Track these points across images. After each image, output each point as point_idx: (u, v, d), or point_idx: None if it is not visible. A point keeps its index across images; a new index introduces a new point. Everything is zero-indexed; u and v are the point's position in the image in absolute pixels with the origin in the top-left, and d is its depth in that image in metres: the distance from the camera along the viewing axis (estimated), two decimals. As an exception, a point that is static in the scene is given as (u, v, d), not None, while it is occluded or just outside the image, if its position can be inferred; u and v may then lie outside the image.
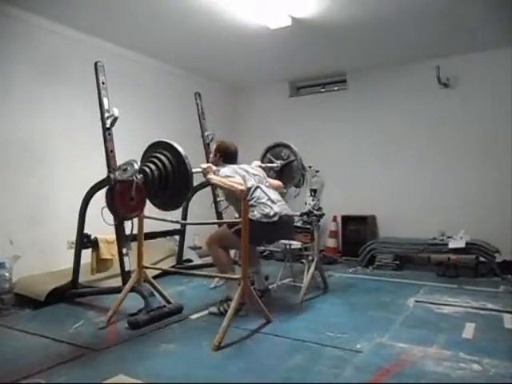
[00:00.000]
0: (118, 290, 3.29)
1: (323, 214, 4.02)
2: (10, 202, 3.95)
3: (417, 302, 3.70)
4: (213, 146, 3.72)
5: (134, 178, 2.72)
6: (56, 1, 3.90)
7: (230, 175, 3.35)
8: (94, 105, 3.47)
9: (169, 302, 3.37)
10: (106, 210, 3.42)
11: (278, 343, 2.74)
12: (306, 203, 5.59)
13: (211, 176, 3.34)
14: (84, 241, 3.71)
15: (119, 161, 3.56)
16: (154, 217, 3.43)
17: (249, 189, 3.32)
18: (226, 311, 2.94)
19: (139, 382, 2.15)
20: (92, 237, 3.75)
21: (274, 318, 3.12)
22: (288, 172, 4.32)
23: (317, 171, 6.09)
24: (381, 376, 2.25)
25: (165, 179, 2.96)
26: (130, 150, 4.47)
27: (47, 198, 4.23)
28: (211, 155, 3.66)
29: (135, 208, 2.76)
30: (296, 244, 4.10)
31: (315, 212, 3.92)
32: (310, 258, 4.04)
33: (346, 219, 5.97)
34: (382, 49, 5.27)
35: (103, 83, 3.46)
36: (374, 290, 4.19)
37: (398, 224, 5.75)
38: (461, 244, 4.79)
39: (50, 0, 3.88)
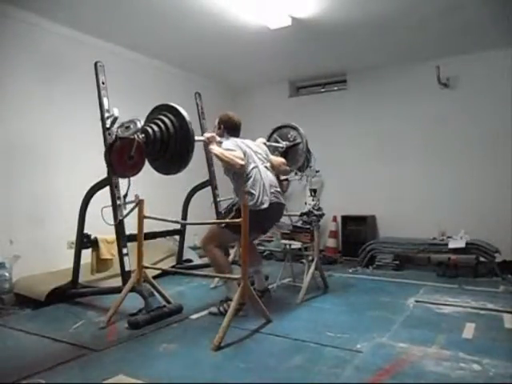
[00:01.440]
0: (118, 290, 3.29)
1: (323, 214, 4.03)
2: (10, 201, 3.95)
3: (417, 302, 3.70)
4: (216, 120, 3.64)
5: (136, 136, 2.66)
6: (57, 1, 3.90)
7: (232, 149, 3.28)
8: (95, 105, 3.47)
9: (169, 302, 3.37)
10: (106, 209, 3.43)
11: (277, 343, 2.74)
12: (306, 203, 5.60)
13: (213, 146, 3.27)
14: (84, 241, 3.71)
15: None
16: (154, 216, 3.43)
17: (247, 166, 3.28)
18: (226, 311, 2.94)
19: (139, 381, 2.16)
20: (92, 237, 3.75)
21: (273, 318, 3.12)
22: (293, 154, 4.26)
23: (317, 171, 6.08)
24: (381, 376, 2.25)
25: (166, 142, 2.90)
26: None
27: (47, 198, 4.23)
28: (214, 128, 3.56)
29: (133, 167, 2.70)
30: (296, 244, 4.10)
31: (315, 212, 3.93)
32: (310, 258, 4.04)
33: (346, 219, 5.97)
34: (382, 49, 5.27)
35: (103, 83, 3.46)
36: (373, 290, 4.19)
37: (398, 224, 5.75)
38: (461, 244, 4.79)
39: (50, 0, 3.88)
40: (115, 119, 3.27)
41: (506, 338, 2.83)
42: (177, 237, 4.90)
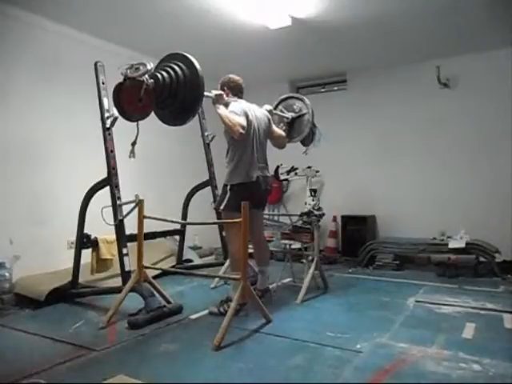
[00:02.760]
0: (118, 290, 3.29)
1: (323, 214, 4.02)
2: (10, 201, 3.95)
3: (417, 302, 3.70)
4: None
5: (145, 79, 2.60)
6: (57, 1, 3.90)
7: (238, 113, 3.24)
8: (95, 105, 3.47)
9: (169, 302, 3.37)
10: (106, 210, 3.43)
11: (278, 343, 2.74)
12: (305, 203, 5.60)
13: (220, 106, 3.21)
14: (84, 241, 3.71)
15: (119, 161, 3.58)
16: (154, 216, 3.43)
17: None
18: (226, 312, 2.93)
19: (139, 382, 2.15)
20: (92, 237, 3.76)
21: (274, 318, 3.12)
22: (298, 125, 4.22)
23: (317, 171, 6.09)
24: (381, 376, 2.25)
25: (175, 90, 2.83)
26: (130, 150, 4.49)
27: (47, 198, 4.23)
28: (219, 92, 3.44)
29: (142, 109, 2.64)
30: (296, 244, 4.10)
31: (315, 212, 3.93)
32: (310, 257, 4.04)
33: (346, 219, 5.97)
34: (382, 49, 5.27)
35: (103, 83, 3.46)
36: (373, 290, 4.19)
37: (398, 224, 5.75)
38: (461, 244, 4.79)
39: (50, 0, 3.88)
40: (115, 119, 3.27)
41: (506, 337, 2.83)
42: (177, 237, 4.90)
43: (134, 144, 2.83)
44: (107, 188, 3.54)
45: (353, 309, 3.53)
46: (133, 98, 2.58)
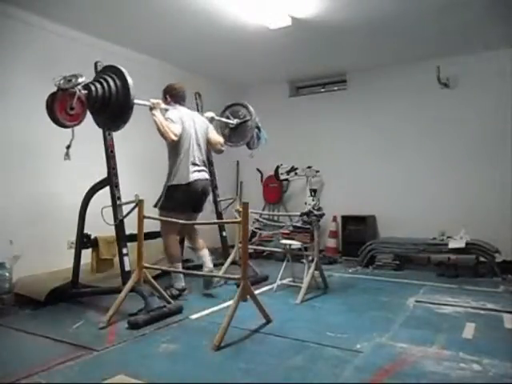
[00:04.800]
0: (118, 290, 3.28)
1: (323, 214, 4.02)
2: (11, 201, 3.95)
3: (417, 302, 3.70)
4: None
5: (77, 90, 2.84)
6: (56, 1, 3.90)
7: (173, 120, 3.54)
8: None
9: (168, 302, 3.37)
10: (107, 210, 3.44)
11: (277, 343, 2.74)
12: (305, 203, 5.60)
13: (155, 113, 3.47)
14: (84, 241, 3.72)
15: (119, 161, 3.58)
16: (154, 217, 3.43)
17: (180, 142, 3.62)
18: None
19: (139, 382, 2.15)
20: (92, 237, 3.75)
21: (273, 318, 3.12)
22: (242, 130, 4.54)
23: (317, 171, 6.09)
24: (381, 376, 2.25)
25: (107, 100, 3.05)
26: (129, 150, 4.50)
27: (47, 198, 4.23)
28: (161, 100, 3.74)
29: (74, 117, 2.87)
30: (296, 244, 4.10)
31: (315, 212, 3.93)
32: (310, 257, 4.04)
33: (346, 219, 5.97)
34: (382, 49, 5.27)
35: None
36: (373, 290, 4.19)
37: (398, 224, 5.75)
38: (461, 244, 4.79)
39: (50, 0, 3.88)
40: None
41: (506, 337, 2.84)
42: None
43: (68, 147, 3.02)
44: (107, 188, 3.55)
45: (353, 309, 3.53)
46: (65, 107, 2.82)
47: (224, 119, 4.50)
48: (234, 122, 4.53)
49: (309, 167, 6.04)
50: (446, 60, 5.44)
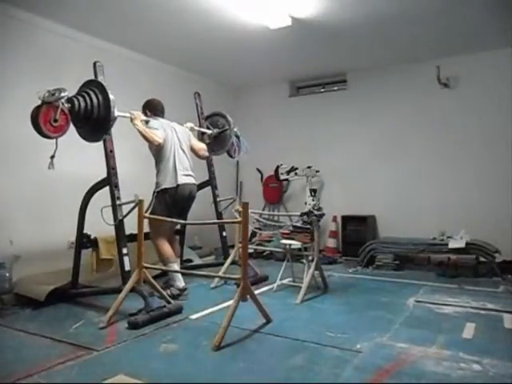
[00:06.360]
0: (118, 290, 3.28)
1: (323, 214, 4.02)
2: (11, 202, 3.95)
3: (417, 302, 3.70)
4: None
5: (60, 103, 2.98)
6: (57, 1, 3.90)
7: (156, 127, 3.73)
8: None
9: (169, 302, 3.37)
10: (106, 210, 3.44)
11: (277, 343, 2.74)
12: (305, 203, 5.60)
13: (137, 122, 3.65)
14: (84, 241, 3.71)
15: (119, 160, 3.58)
16: (154, 217, 3.43)
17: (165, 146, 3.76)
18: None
19: (139, 382, 2.15)
20: (92, 237, 3.75)
21: (273, 318, 3.12)
22: (221, 140, 4.69)
23: (317, 171, 6.09)
24: (381, 376, 2.25)
25: (89, 113, 3.20)
26: (129, 150, 4.49)
27: (47, 198, 4.23)
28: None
29: (57, 129, 3.01)
30: (296, 244, 4.10)
31: (315, 212, 3.92)
32: (310, 257, 4.04)
33: (346, 219, 5.97)
34: (382, 49, 5.28)
35: (102, 83, 3.47)
36: (373, 290, 4.19)
37: (397, 224, 5.75)
38: (461, 244, 4.78)
39: (51, 0, 3.88)
40: (114, 119, 3.28)
41: (506, 337, 2.84)
42: (177, 237, 4.89)
43: (52, 157, 3.16)
44: (107, 188, 3.55)
45: (353, 309, 3.53)
46: (49, 119, 2.96)
47: (201, 129, 4.60)
48: (211, 131, 4.66)
49: (309, 167, 6.04)
50: (445, 60, 5.45)
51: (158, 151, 3.80)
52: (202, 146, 4.20)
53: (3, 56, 3.99)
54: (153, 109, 3.99)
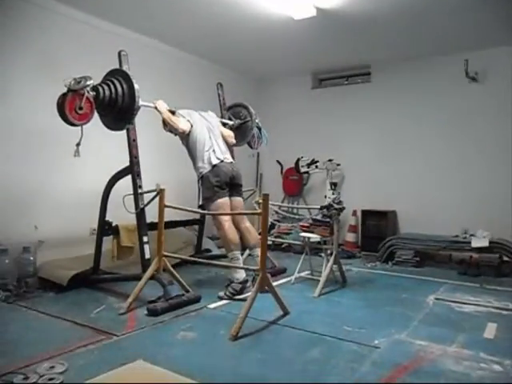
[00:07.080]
0: (138, 277, 3.33)
1: (343, 208, 3.98)
2: (36, 189, 4.04)
3: (437, 299, 3.65)
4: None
5: (86, 91, 3.02)
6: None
7: (184, 115, 3.80)
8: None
9: (187, 291, 3.41)
10: (128, 198, 3.48)
11: (295, 335, 2.75)
12: (325, 196, 5.56)
13: (162, 110, 3.73)
14: (105, 228, 3.78)
15: (141, 150, 3.62)
16: (175, 206, 3.46)
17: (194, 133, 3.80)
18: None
19: (157, 367, 2.19)
20: (113, 224, 3.81)
21: (291, 311, 3.12)
22: (242, 131, 4.64)
23: (338, 164, 6.03)
24: (399, 373, 2.23)
25: (114, 102, 3.24)
26: (152, 140, 4.53)
27: (71, 186, 4.31)
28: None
29: (82, 117, 3.06)
30: (315, 237, 4.08)
31: (335, 205, 3.89)
32: (329, 251, 4.02)
33: (366, 214, 5.90)
34: (408, 41, 5.16)
35: (127, 72, 3.50)
36: (392, 286, 4.14)
37: (419, 220, 5.66)
38: (484, 243, 4.68)
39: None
40: (138, 108, 3.31)
41: (529, 339, 2.77)
42: (196, 226, 4.93)
43: (78, 145, 3.19)
44: (129, 177, 3.59)
45: (371, 304, 3.50)
46: (74, 107, 3.01)
47: (223, 120, 4.58)
48: (232, 122, 4.63)
49: (330, 160, 5.99)
50: (474, 53, 5.28)
51: (188, 140, 3.82)
52: (230, 133, 4.22)
53: (18, 40, 4.04)
54: None
